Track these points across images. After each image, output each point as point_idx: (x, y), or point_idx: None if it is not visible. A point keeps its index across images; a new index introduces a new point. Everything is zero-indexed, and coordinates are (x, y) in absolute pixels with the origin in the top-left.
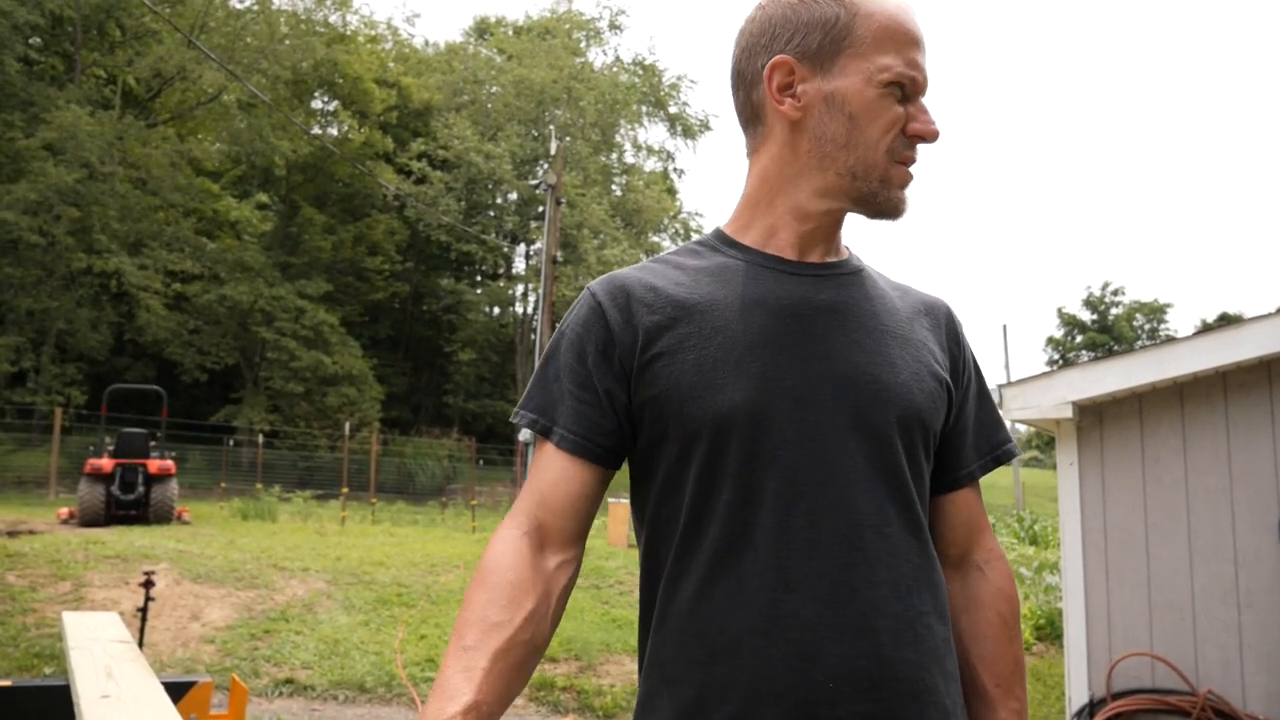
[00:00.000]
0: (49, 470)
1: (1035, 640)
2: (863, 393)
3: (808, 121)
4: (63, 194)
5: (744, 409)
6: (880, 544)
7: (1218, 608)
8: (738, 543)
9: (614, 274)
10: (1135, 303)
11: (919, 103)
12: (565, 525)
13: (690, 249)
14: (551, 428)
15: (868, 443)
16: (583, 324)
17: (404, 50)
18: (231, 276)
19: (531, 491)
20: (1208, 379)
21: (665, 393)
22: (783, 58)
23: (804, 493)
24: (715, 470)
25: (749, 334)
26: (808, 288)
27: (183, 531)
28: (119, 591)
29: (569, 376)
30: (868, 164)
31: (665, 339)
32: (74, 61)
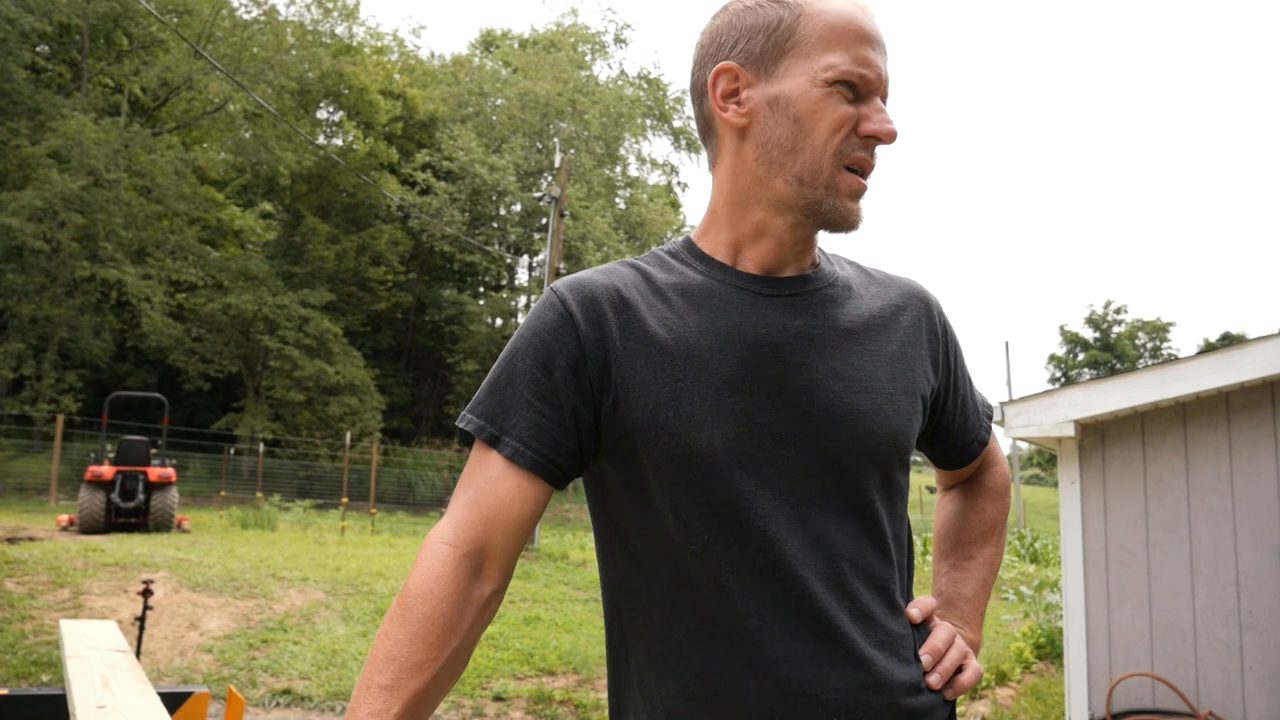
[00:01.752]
0: (49, 477)
1: (1035, 659)
2: (843, 425)
3: (754, 128)
4: (68, 201)
5: (724, 448)
6: (858, 577)
7: (1219, 629)
8: (727, 585)
9: (583, 279)
10: (1138, 321)
11: (873, 102)
12: (508, 548)
13: (659, 258)
14: (501, 437)
15: (846, 476)
16: (551, 332)
17: (410, 62)
18: (235, 285)
19: (478, 507)
20: (1210, 399)
21: (639, 426)
22: (726, 64)
23: (787, 532)
24: (693, 508)
25: (726, 368)
26: (783, 313)
27: (182, 540)
28: (118, 599)
29: (529, 385)
30: (814, 168)
31: (639, 367)
32: (81, 70)
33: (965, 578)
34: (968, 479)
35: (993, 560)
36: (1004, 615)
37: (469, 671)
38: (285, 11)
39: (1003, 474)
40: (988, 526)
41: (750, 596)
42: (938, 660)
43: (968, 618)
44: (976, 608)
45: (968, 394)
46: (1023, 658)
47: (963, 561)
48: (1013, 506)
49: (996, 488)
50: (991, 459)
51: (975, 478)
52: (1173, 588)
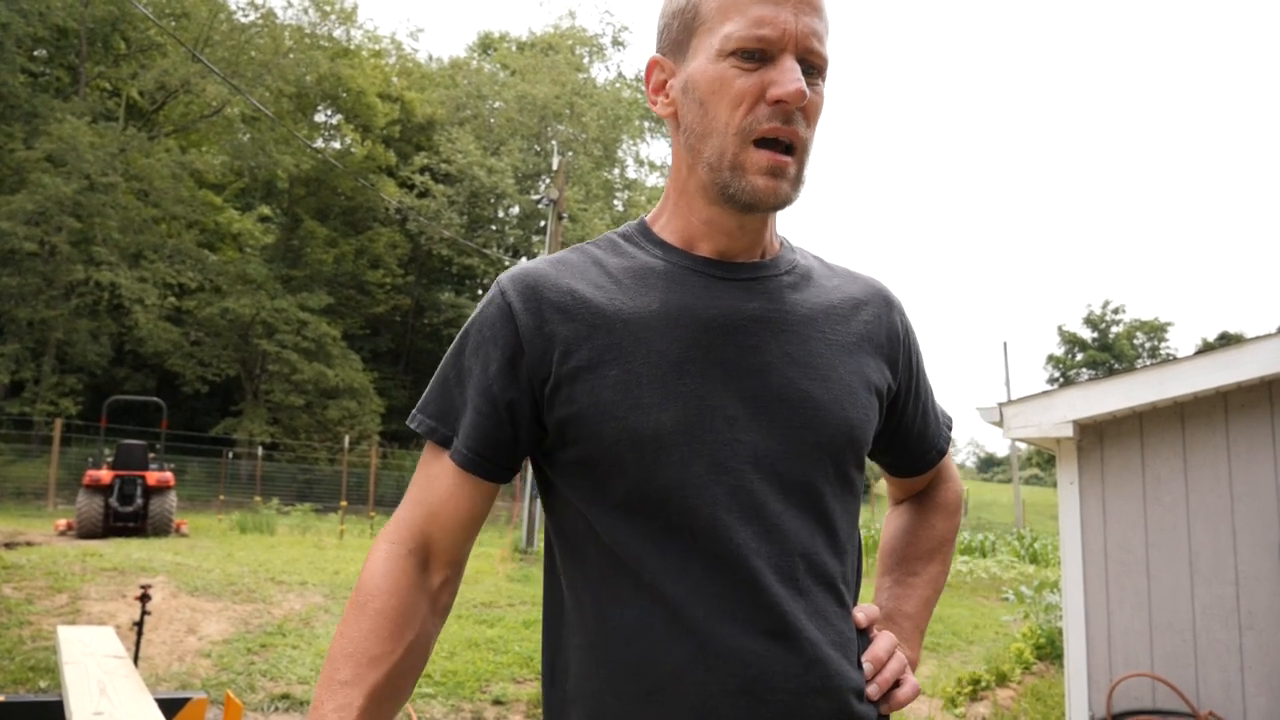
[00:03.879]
0: (48, 481)
1: (1035, 660)
2: (796, 412)
3: (678, 116)
4: (62, 205)
5: (673, 431)
6: (809, 571)
7: (1219, 629)
8: (674, 573)
9: (527, 269)
10: (1136, 321)
11: (782, 63)
12: (453, 543)
13: (611, 241)
14: (451, 438)
15: (799, 465)
16: (490, 326)
17: (407, 65)
18: (233, 289)
19: (420, 504)
20: (1208, 399)
21: (584, 411)
22: (654, 57)
23: (739, 521)
24: (643, 495)
25: (676, 348)
26: (737, 295)
27: (181, 544)
28: (116, 604)
29: (472, 384)
30: (719, 151)
31: (583, 351)
32: (79, 74)
33: (908, 594)
34: (920, 493)
35: (938, 579)
36: (1004, 616)
37: (468, 675)
38: (283, 15)
39: (956, 491)
40: (936, 543)
41: (698, 586)
42: (878, 669)
43: (907, 635)
44: (917, 625)
45: (928, 401)
46: (1023, 658)
47: (907, 577)
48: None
49: (949, 504)
50: (946, 473)
51: (928, 492)
52: (1172, 588)
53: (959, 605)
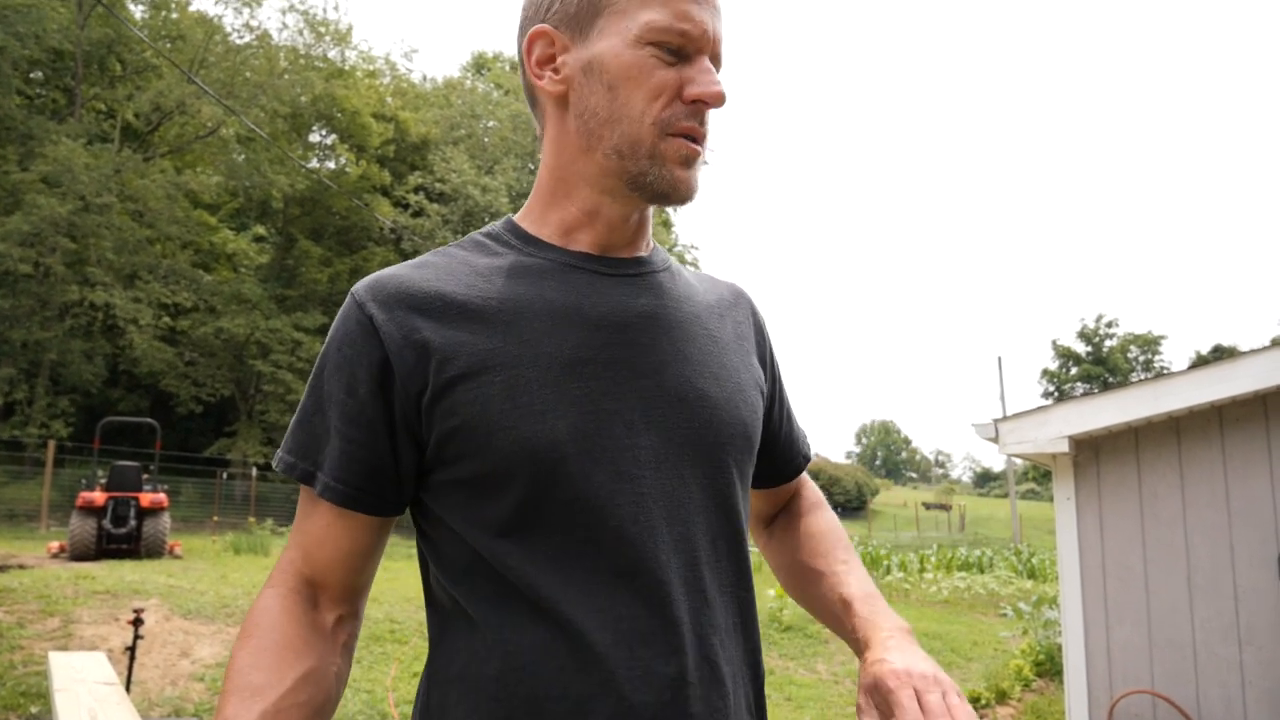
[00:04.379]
0: (41, 503)
1: (1035, 676)
2: (695, 412)
3: (571, 96)
4: (57, 226)
5: (569, 439)
6: (715, 582)
7: (1219, 644)
8: (577, 595)
9: (384, 275)
10: (1130, 335)
11: (699, 62)
12: (339, 581)
13: (477, 242)
14: (314, 474)
15: (701, 468)
16: (350, 343)
17: (402, 85)
18: (228, 309)
19: (297, 547)
20: (1203, 413)
21: (469, 423)
22: (540, 27)
23: (646, 533)
24: (540, 510)
25: (566, 350)
26: (625, 292)
27: (174, 566)
28: (108, 628)
29: (335, 411)
30: (632, 140)
31: (463, 358)
32: (74, 95)
33: (856, 576)
34: (787, 506)
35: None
36: (1002, 632)
37: None
38: (278, 36)
39: (817, 490)
40: (837, 534)
41: (604, 607)
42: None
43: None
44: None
45: (788, 404)
46: (1022, 675)
47: (837, 566)
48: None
49: (820, 500)
50: (806, 479)
51: (795, 501)
52: (1171, 604)
53: (957, 622)
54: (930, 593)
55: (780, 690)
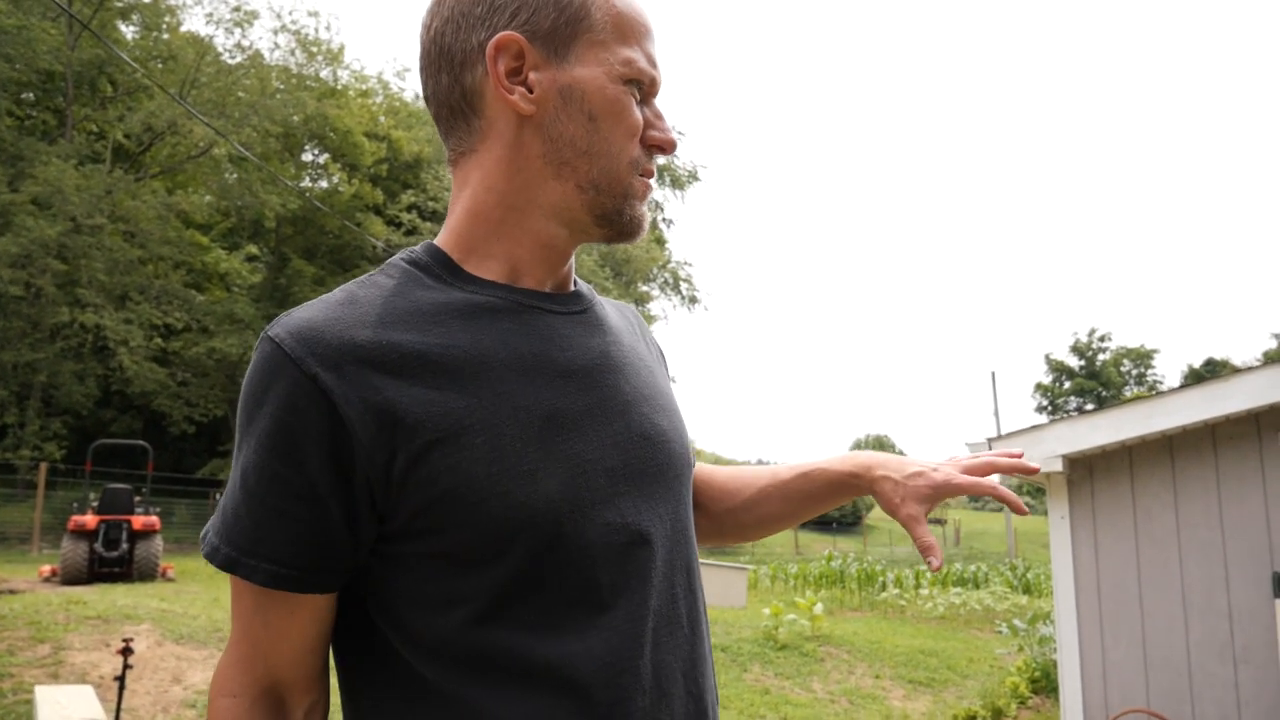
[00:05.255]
0: (33, 526)
1: (1031, 694)
2: (657, 448)
3: (541, 117)
4: (47, 247)
5: (563, 498)
6: (692, 613)
7: (1213, 663)
8: (576, 654)
9: (316, 322)
10: (1122, 348)
11: (655, 107)
12: (304, 670)
13: (405, 271)
14: (258, 565)
15: (668, 503)
16: (290, 410)
17: (394, 104)
18: (220, 328)
19: (252, 642)
20: (1197, 431)
21: (453, 491)
22: (511, 35)
23: (631, 579)
24: (535, 574)
25: (542, 402)
26: (579, 333)
27: (166, 589)
28: (99, 654)
29: (277, 488)
30: (611, 175)
31: (436, 420)
32: (65, 117)
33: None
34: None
35: None
36: (998, 649)
37: None
38: (270, 56)
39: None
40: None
41: (602, 661)
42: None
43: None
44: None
45: None
46: (1018, 693)
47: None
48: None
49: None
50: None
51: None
52: (1166, 623)
53: (953, 639)
54: (926, 609)
55: (776, 710)
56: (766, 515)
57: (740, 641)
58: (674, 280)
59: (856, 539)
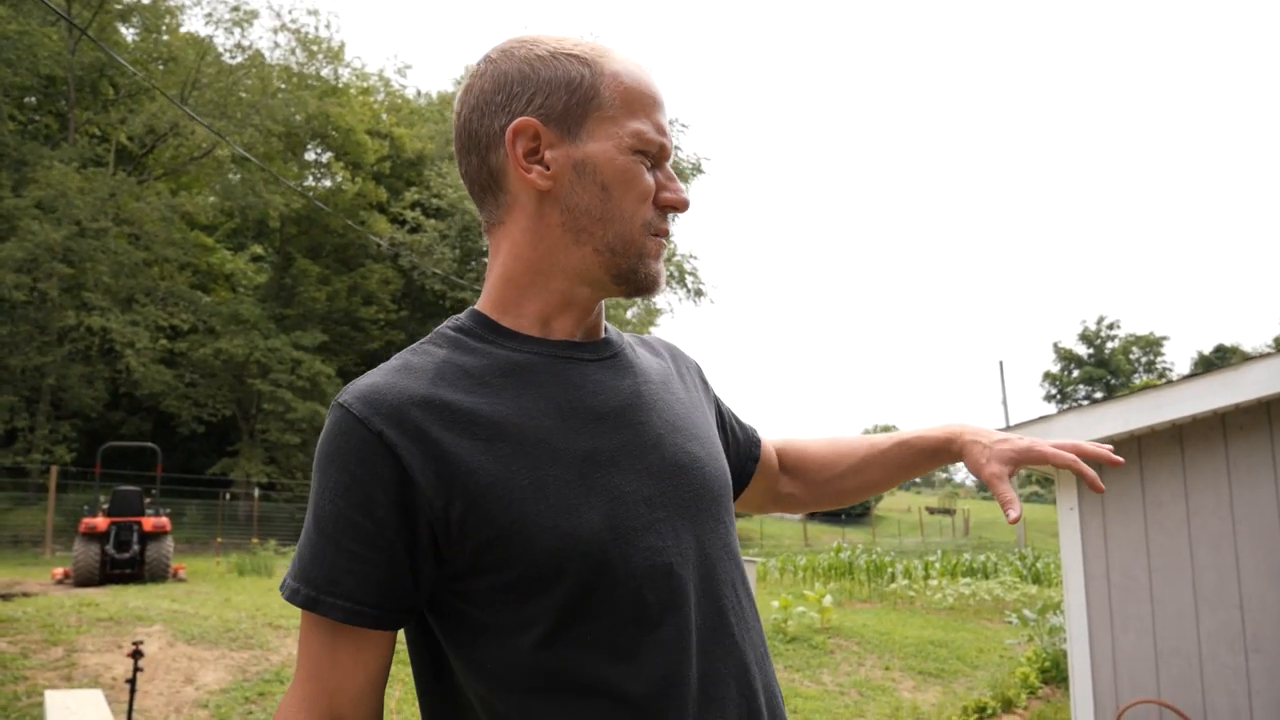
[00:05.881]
0: (45, 528)
1: (1041, 684)
2: (692, 475)
3: (558, 191)
4: (52, 251)
5: (606, 529)
6: (741, 623)
7: (1225, 653)
8: (630, 671)
9: (379, 386)
10: (1131, 336)
11: (667, 169)
12: (365, 709)
13: (455, 340)
14: (335, 603)
15: (706, 524)
16: (360, 463)
17: (396, 101)
18: (226, 329)
19: (319, 680)
20: (1206, 421)
21: (507, 530)
22: (526, 120)
23: (677, 597)
24: (587, 599)
25: (580, 443)
26: (610, 376)
27: (178, 590)
28: (112, 656)
29: (349, 534)
30: (625, 239)
31: (486, 465)
32: (68, 120)
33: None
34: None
35: None
36: (1008, 639)
37: None
38: (270, 55)
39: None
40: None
41: (657, 675)
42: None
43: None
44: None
45: (733, 412)
46: (1029, 683)
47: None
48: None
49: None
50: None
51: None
52: (1176, 613)
53: (962, 629)
54: (935, 599)
55: (785, 703)
56: (867, 482)
57: None
58: (680, 273)
59: (866, 530)
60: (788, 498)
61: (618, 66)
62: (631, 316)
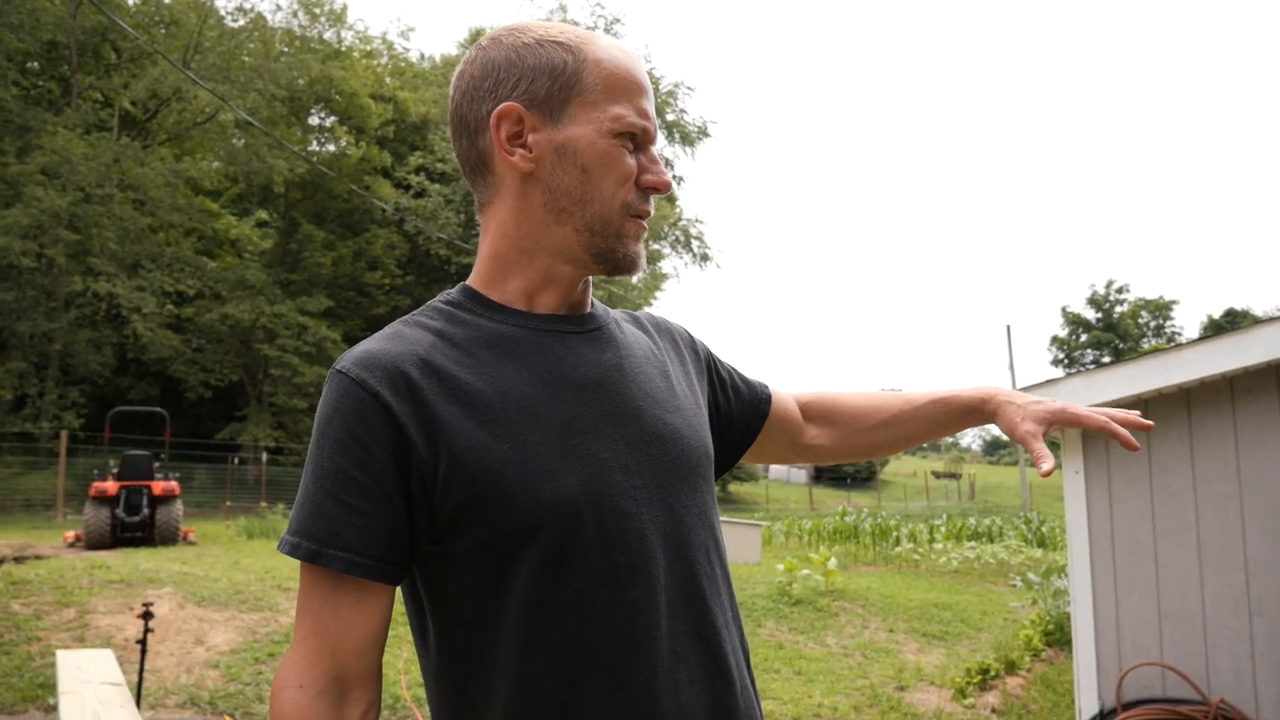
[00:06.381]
0: (56, 493)
1: (1045, 646)
2: (670, 445)
3: (540, 173)
4: (58, 217)
5: (582, 493)
6: (713, 587)
7: (1229, 616)
8: (598, 626)
9: (373, 352)
10: (1140, 300)
11: (650, 153)
12: (367, 664)
13: (444, 313)
14: (337, 555)
15: (683, 493)
16: (358, 421)
17: (399, 64)
18: (233, 295)
19: (321, 635)
20: (1214, 385)
21: (487, 491)
22: (510, 105)
23: (652, 561)
24: (562, 561)
25: (559, 411)
26: (592, 349)
27: (188, 553)
28: (123, 618)
29: (350, 489)
30: (604, 219)
31: (470, 429)
32: (70, 85)
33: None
34: (806, 412)
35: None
36: (1012, 602)
37: None
38: (273, 19)
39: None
40: (865, 391)
41: (625, 634)
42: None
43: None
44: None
45: (734, 370)
46: (1032, 645)
47: (894, 397)
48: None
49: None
50: (791, 394)
51: (811, 404)
52: (1181, 576)
53: (967, 592)
54: (940, 563)
55: (790, 664)
56: (901, 435)
57: (755, 597)
58: (685, 238)
59: (871, 494)
60: (814, 448)
61: (601, 53)
62: (637, 282)
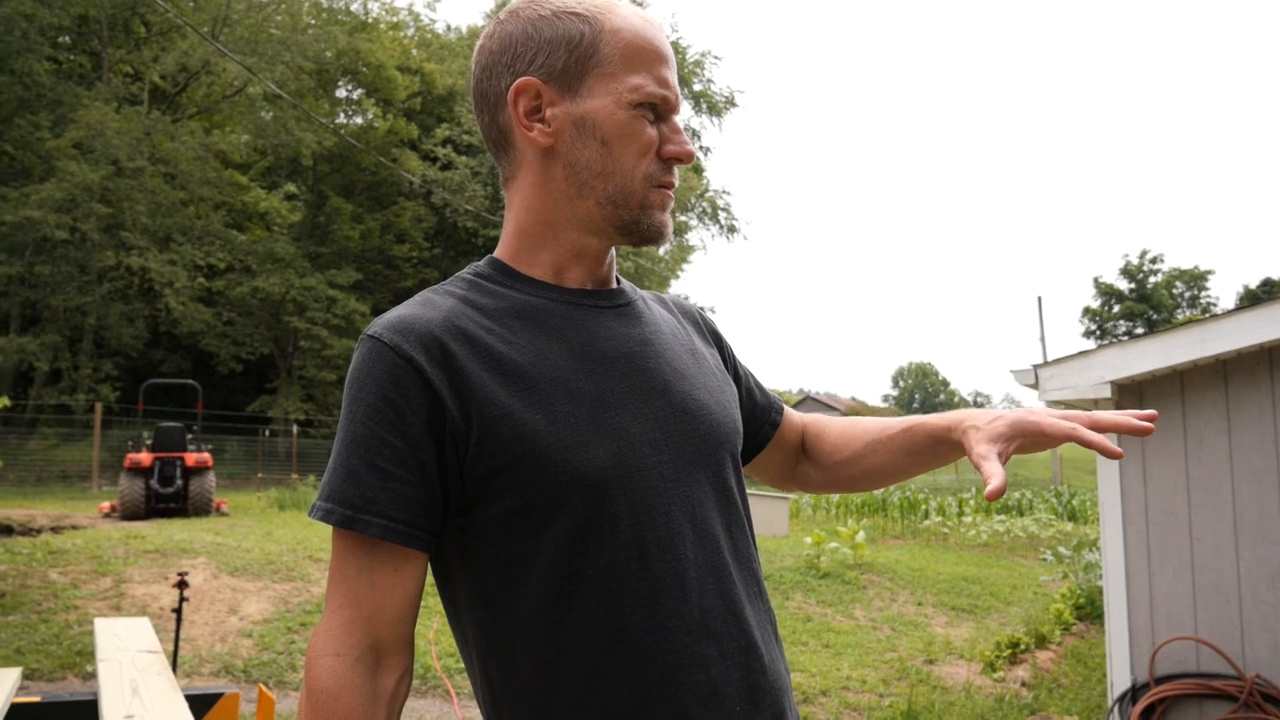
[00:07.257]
0: (91, 464)
1: (1075, 620)
2: (699, 421)
3: (560, 147)
4: (91, 191)
5: (612, 466)
6: (739, 562)
7: (1264, 590)
8: (631, 599)
9: (407, 318)
10: (1175, 270)
11: (672, 123)
12: (401, 632)
13: (473, 284)
14: (373, 521)
15: (710, 469)
16: (393, 386)
17: (426, 36)
18: (263, 268)
19: (356, 604)
20: (1252, 355)
21: (518, 460)
22: (527, 80)
23: (678, 536)
24: (589, 531)
25: (590, 384)
26: (621, 324)
27: (221, 523)
28: (158, 587)
29: (385, 455)
30: (626, 191)
31: (503, 397)
32: (102, 59)
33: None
34: (803, 440)
35: None
36: (1042, 576)
37: None
38: None
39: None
40: (856, 418)
41: (653, 609)
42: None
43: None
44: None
45: (751, 375)
46: (1062, 619)
47: (877, 424)
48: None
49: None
50: (800, 417)
51: (809, 432)
52: (1216, 549)
53: (996, 566)
54: (969, 536)
55: (818, 637)
56: (873, 468)
57: (782, 570)
58: (712, 209)
59: None
60: (805, 478)
61: (619, 22)
62: (664, 253)
